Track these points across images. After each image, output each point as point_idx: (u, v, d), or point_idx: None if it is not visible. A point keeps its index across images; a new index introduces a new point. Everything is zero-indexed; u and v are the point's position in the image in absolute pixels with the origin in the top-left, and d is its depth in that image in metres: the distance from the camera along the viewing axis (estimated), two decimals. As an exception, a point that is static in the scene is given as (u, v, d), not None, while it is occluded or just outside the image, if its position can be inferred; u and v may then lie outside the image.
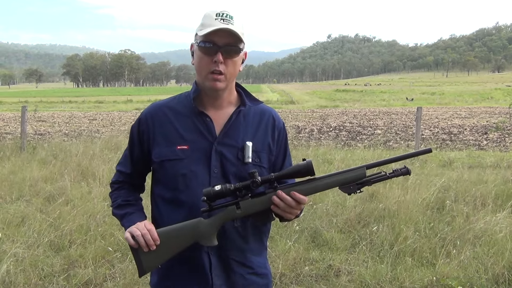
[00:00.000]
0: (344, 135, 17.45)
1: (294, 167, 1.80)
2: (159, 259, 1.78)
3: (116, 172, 2.08)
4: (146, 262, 1.77)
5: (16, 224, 5.78)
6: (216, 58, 1.79)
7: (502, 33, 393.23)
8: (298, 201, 1.77)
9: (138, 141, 1.97)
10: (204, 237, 1.76)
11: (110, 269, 4.65)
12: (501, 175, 8.20)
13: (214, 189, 1.73)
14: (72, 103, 55.14)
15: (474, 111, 29.71)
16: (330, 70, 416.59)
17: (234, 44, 1.81)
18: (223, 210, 1.78)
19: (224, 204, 1.78)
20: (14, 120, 25.52)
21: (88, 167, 8.77)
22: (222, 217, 1.78)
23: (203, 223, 1.77)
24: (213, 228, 1.77)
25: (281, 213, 1.79)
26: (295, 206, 1.77)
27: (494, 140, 15.77)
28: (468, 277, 4.41)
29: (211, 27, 1.76)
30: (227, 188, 1.73)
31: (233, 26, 1.78)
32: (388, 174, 1.80)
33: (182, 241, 1.77)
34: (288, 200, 1.76)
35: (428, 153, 1.91)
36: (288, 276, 4.54)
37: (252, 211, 1.79)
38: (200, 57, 1.84)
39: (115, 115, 30.78)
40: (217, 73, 1.81)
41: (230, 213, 1.78)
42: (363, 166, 1.81)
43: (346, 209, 6.15)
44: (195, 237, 1.77)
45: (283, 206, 1.76)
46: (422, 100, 47.70)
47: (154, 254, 1.76)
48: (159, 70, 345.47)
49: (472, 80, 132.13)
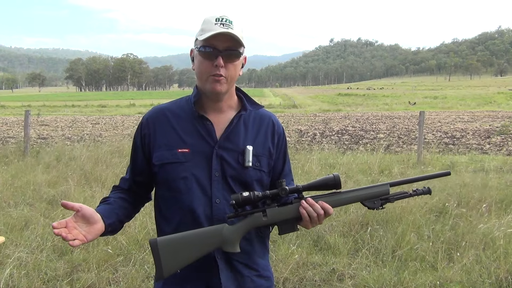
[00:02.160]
0: (347, 139, 17.44)
1: (322, 179, 1.82)
2: (180, 263, 1.73)
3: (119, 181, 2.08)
4: (166, 266, 1.70)
5: (19, 228, 5.80)
6: (217, 62, 1.79)
7: (505, 37, 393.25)
8: (326, 210, 1.78)
9: (141, 145, 1.96)
10: (227, 243, 1.75)
11: (113, 273, 4.66)
12: (504, 179, 8.19)
13: (243, 195, 1.73)
14: (75, 107, 55.23)
15: (476, 115, 29.68)
16: (332, 74, 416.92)
17: (234, 48, 1.82)
18: (249, 217, 1.79)
19: (250, 211, 1.79)
20: (17, 124, 25.60)
21: (91, 171, 8.79)
22: (248, 223, 1.78)
23: (228, 229, 1.76)
24: (238, 234, 1.76)
25: (306, 221, 1.79)
26: (321, 215, 1.78)
27: (497, 144, 15.75)
28: (472, 281, 4.40)
29: (211, 32, 1.77)
30: (256, 195, 1.74)
31: (232, 30, 1.78)
32: (410, 192, 1.84)
33: (205, 246, 1.74)
34: (316, 207, 1.77)
35: (448, 175, 1.95)
36: (291, 280, 4.54)
37: (278, 219, 1.79)
38: (200, 61, 1.84)
39: (118, 119, 30.82)
40: (217, 76, 1.82)
41: (256, 220, 1.78)
42: (387, 184, 1.85)
43: (348, 213, 6.15)
44: (218, 242, 1.74)
45: (311, 212, 1.77)
46: (424, 104, 47.69)
47: (176, 258, 1.72)
48: (162, 74, 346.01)
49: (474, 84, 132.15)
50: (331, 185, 1.81)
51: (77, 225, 1.71)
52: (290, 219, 1.80)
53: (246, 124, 1.96)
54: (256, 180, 1.90)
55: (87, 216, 1.74)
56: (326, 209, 1.78)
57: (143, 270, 4.67)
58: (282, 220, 1.80)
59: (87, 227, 1.73)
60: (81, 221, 1.72)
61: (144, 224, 5.63)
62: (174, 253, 1.71)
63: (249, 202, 1.74)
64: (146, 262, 4.82)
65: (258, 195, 1.75)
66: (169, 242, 1.73)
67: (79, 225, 1.71)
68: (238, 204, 1.73)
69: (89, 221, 1.74)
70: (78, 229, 1.70)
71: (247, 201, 1.74)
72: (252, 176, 1.89)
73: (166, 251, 1.71)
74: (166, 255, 1.71)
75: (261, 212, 1.78)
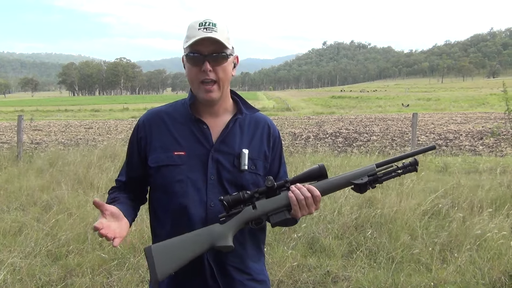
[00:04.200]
0: (341, 142, 17.46)
1: (307, 171, 1.83)
2: (173, 264, 1.71)
3: (115, 183, 2.07)
4: (160, 268, 1.69)
5: (13, 233, 5.77)
6: (204, 68, 1.80)
7: (497, 38, 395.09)
8: (312, 192, 1.77)
9: (137, 147, 1.97)
10: (219, 239, 1.74)
11: (107, 277, 4.64)
12: (497, 180, 8.22)
13: (233, 195, 1.76)
14: (68, 111, 55.10)
15: (469, 117, 29.80)
16: (326, 77, 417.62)
17: (219, 51, 1.82)
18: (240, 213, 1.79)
19: (240, 209, 1.79)
20: (10, 130, 25.50)
21: (85, 175, 8.76)
22: (239, 218, 1.77)
23: (220, 226, 1.76)
24: (230, 229, 1.76)
25: (295, 206, 1.77)
26: (308, 197, 1.77)
27: (490, 145, 15.81)
28: (466, 282, 4.42)
29: (194, 38, 1.78)
30: (244, 194, 1.76)
31: (216, 34, 1.79)
32: (397, 166, 1.86)
33: (198, 246, 1.74)
34: (303, 190, 1.77)
35: (433, 150, 1.96)
36: (286, 283, 4.54)
37: (268, 209, 1.79)
38: (189, 68, 1.86)
39: (111, 124, 30.74)
40: (208, 83, 1.83)
41: (247, 214, 1.78)
42: (372, 164, 1.86)
43: (342, 215, 6.15)
44: (211, 240, 1.74)
45: (298, 195, 1.76)
46: (417, 106, 47.85)
47: (169, 259, 1.71)
48: (155, 78, 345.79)
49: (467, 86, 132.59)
50: (316, 176, 1.82)
51: (110, 224, 1.72)
52: (280, 207, 1.80)
53: (241, 128, 1.97)
54: (252, 184, 1.91)
55: (116, 213, 1.77)
56: (312, 191, 1.77)
57: (137, 274, 4.66)
58: (272, 210, 1.79)
59: (117, 224, 1.75)
60: (111, 219, 1.74)
61: (139, 228, 5.62)
62: (168, 256, 1.71)
63: (239, 201, 1.76)
64: (140, 266, 4.80)
65: (248, 193, 1.77)
66: (163, 245, 1.74)
67: (110, 224, 1.73)
68: (228, 204, 1.75)
69: (118, 218, 1.77)
70: (112, 227, 1.71)
71: (237, 201, 1.76)
72: (248, 180, 1.90)
73: (160, 254, 1.71)
74: (160, 258, 1.71)
75: (251, 206, 1.79)
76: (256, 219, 1.79)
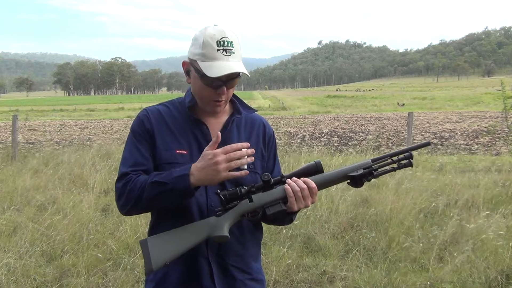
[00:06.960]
0: (336, 141, 17.47)
1: (304, 167, 1.84)
2: (169, 254, 1.71)
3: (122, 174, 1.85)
4: (155, 258, 1.69)
5: (7, 234, 5.74)
6: (220, 91, 1.80)
7: (492, 37, 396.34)
8: (308, 184, 1.77)
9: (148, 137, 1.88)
10: (215, 229, 1.74)
11: (103, 278, 4.62)
12: (492, 179, 8.24)
13: (230, 190, 1.77)
14: (63, 111, 54.94)
15: (465, 116, 29.86)
16: (321, 76, 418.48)
17: (237, 75, 1.81)
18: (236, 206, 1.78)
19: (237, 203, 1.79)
20: (5, 129, 25.42)
21: (80, 175, 8.73)
22: (235, 211, 1.77)
23: (216, 218, 1.76)
24: (226, 220, 1.75)
25: (291, 198, 1.76)
26: (304, 189, 1.76)
27: (485, 144, 15.84)
28: (462, 281, 4.42)
29: (215, 62, 1.74)
30: (241, 189, 1.77)
31: (234, 56, 1.77)
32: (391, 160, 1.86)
33: (193, 237, 1.74)
34: (299, 182, 1.77)
35: (427, 146, 1.98)
36: (282, 283, 4.53)
37: (264, 201, 1.79)
38: (202, 87, 1.82)
39: (106, 123, 30.68)
40: (220, 102, 1.84)
41: (243, 206, 1.77)
42: (368, 160, 1.87)
43: (338, 214, 6.15)
44: (207, 231, 1.74)
45: (294, 186, 1.76)
46: (413, 105, 47.93)
47: (165, 249, 1.71)
48: (151, 77, 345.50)
49: (462, 85, 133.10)
50: (313, 172, 1.83)
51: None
52: (276, 199, 1.79)
53: (238, 128, 1.98)
54: (252, 182, 1.88)
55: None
56: (308, 183, 1.77)
57: (132, 274, 4.64)
58: (268, 202, 1.79)
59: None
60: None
61: (134, 228, 5.60)
62: (163, 246, 1.71)
63: (236, 196, 1.76)
64: (136, 266, 4.78)
65: (244, 188, 1.78)
66: (158, 237, 1.74)
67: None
68: (225, 198, 1.75)
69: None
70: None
71: (234, 195, 1.76)
72: (248, 179, 1.88)
73: (155, 244, 1.71)
74: (155, 249, 1.71)
75: (247, 199, 1.79)
76: (252, 211, 1.79)
